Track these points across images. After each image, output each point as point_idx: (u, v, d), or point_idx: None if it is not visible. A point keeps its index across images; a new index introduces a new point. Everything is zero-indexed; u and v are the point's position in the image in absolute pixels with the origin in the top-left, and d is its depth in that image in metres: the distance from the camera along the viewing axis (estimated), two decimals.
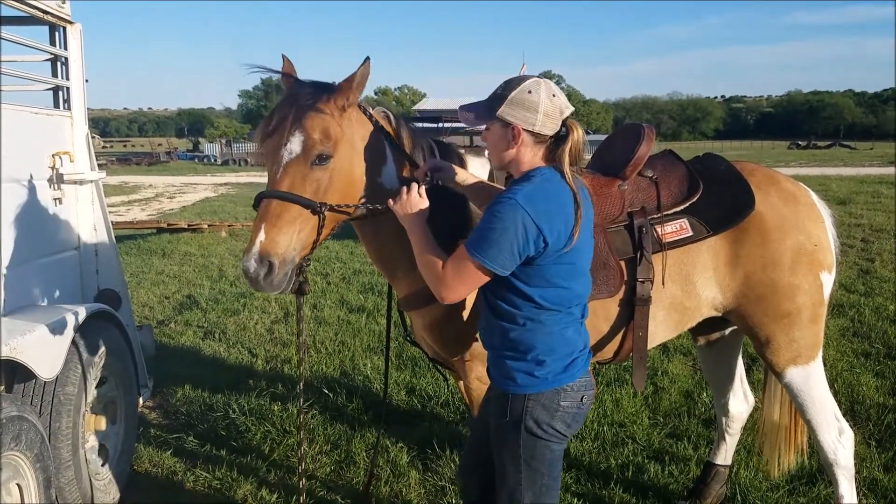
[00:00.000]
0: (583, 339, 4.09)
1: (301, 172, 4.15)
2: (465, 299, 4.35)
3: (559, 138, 3.90)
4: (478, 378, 4.92)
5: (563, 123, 3.91)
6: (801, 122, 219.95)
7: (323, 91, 4.31)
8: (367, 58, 4.33)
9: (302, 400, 5.08)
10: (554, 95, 3.86)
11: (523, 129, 3.83)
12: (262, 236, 4.05)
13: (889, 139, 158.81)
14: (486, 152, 4.16)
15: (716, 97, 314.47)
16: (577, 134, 3.93)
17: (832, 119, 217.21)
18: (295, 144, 4.15)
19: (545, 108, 3.81)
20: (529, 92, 3.81)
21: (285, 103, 4.28)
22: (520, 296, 3.88)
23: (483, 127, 4.03)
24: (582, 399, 4.01)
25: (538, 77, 3.92)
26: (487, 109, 3.90)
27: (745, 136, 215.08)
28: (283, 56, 4.64)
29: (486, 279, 3.81)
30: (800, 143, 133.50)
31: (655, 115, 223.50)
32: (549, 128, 3.86)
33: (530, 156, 3.91)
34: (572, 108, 3.98)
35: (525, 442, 3.99)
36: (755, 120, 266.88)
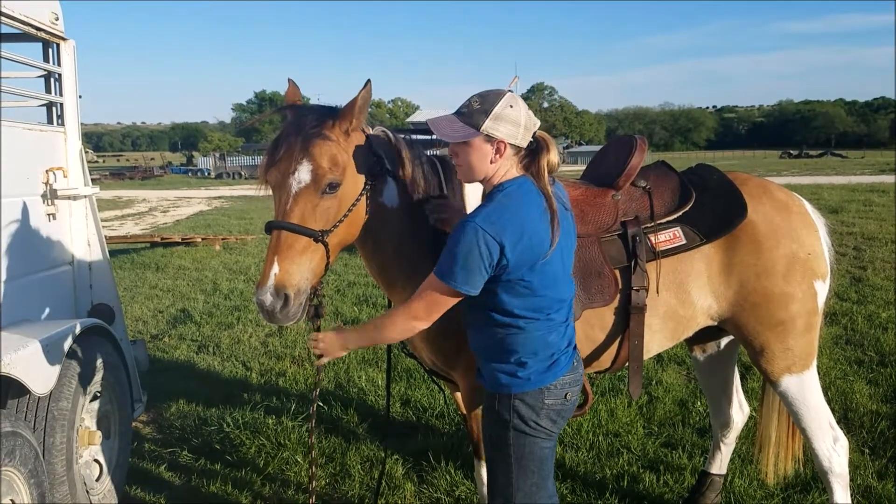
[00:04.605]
0: (566, 339, 4.15)
1: (311, 202, 4.14)
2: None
3: (532, 150, 3.97)
4: (475, 389, 4.92)
5: (534, 136, 3.96)
6: (793, 131, 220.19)
7: (327, 116, 4.30)
8: (368, 80, 4.32)
9: (314, 422, 5.09)
10: (528, 109, 3.94)
11: (508, 143, 3.87)
12: (275, 269, 4.04)
13: (880, 147, 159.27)
14: (457, 167, 4.15)
15: (707, 107, 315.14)
16: (553, 150, 4.00)
17: (823, 128, 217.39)
18: (304, 173, 4.13)
19: (525, 122, 3.89)
20: (511, 106, 3.86)
21: (290, 131, 4.25)
22: (499, 305, 3.94)
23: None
24: (566, 396, 4.10)
25: (509, 91, 3.98)
26: (468, 125, 3.90)
27: (736, 145, 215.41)
28: (289, 80, 4.65)
29: (457, 300, 3.88)
30: (791, 152, 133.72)
31: (648, 126, 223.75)
32: (526, 140, 3.94)
33: (507, 168, 3.97)
34: (539, 122, 4.03)
35: (514, 440, 4.07)
36: (747, 130, 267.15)
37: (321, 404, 8.75)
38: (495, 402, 4.09)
